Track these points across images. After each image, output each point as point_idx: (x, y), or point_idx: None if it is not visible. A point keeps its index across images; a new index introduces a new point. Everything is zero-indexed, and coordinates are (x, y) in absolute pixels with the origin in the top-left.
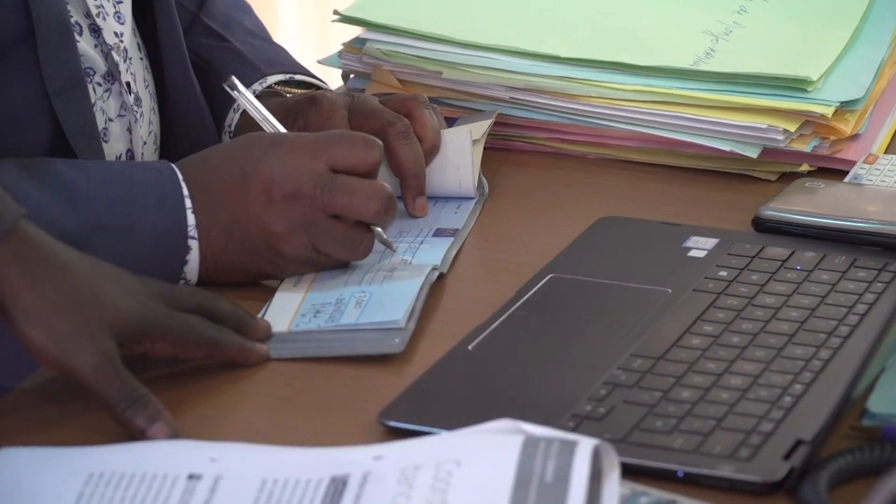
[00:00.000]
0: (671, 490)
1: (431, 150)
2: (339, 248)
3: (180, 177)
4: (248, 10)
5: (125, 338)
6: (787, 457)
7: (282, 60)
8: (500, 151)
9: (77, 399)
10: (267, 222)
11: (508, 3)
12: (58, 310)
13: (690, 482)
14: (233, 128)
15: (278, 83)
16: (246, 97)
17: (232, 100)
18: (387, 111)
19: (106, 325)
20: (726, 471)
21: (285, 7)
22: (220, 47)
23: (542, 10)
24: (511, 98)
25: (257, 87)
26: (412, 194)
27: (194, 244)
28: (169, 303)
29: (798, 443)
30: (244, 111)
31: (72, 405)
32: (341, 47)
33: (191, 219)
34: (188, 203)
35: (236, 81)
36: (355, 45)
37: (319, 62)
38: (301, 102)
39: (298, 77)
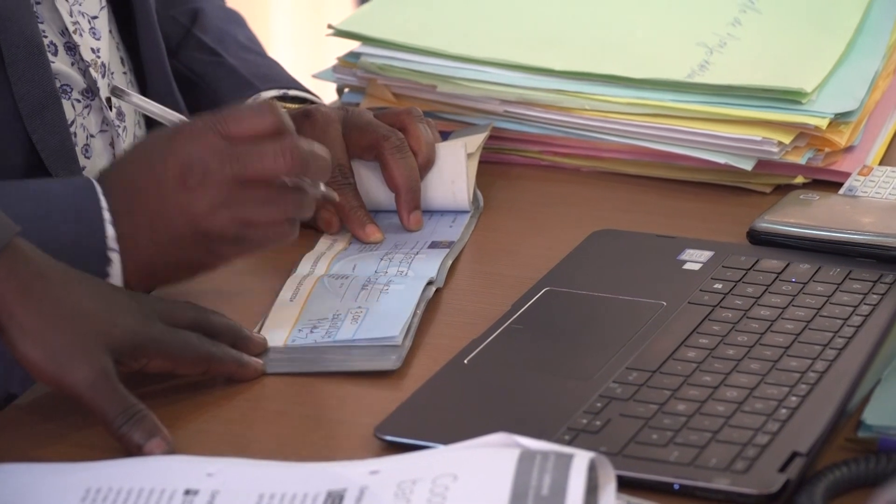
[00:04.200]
0: (667, 503)
1: (426, 164)
2: (265, 210)
3: (98, 190)
4: (242, 23)
5: (121, 354)
6: (782, 469)
7: (275, 76)
8: (494, 165)
9: (74, 415)
10: (186, 205)
11: (502, 17)
12: (53, 326)
13: (686, 495)
14: None
15: (272, 98)
16: (134, 99)
17: None
18: (381, 125)
19: (102, 342)
20: (722, 483)
21: (279, 21)
22: (214, 62)
23: (535, 23)
24: (505, 111)
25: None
26: (407, 208)
27: (115, 256)
28: (165, 319)
29: (794, 455)
30: None
31: (68, 421)
32: (336, 62)
33: (110, 231)
34: (107, 216)
35: (120, 88)
36: (350, 60)
37: (314, 76)
38: (295, 117)
39: (292, 92)
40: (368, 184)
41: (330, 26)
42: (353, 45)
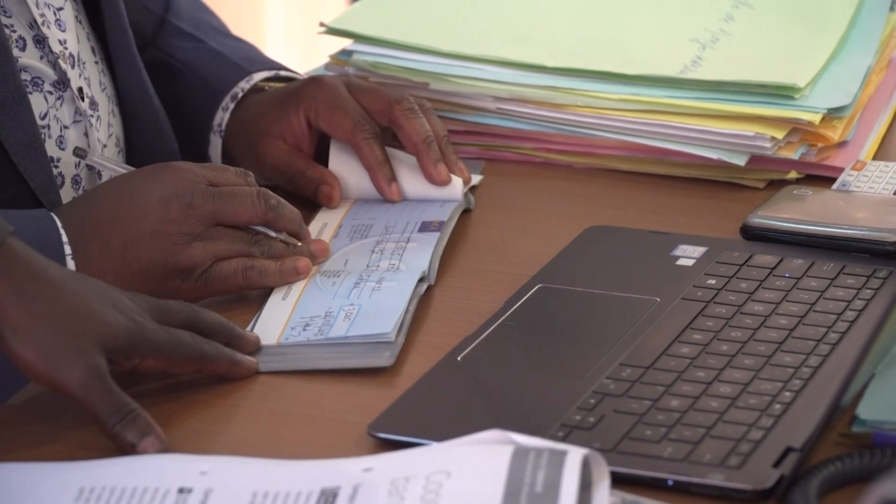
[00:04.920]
0: (661, 499)
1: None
2: (236, 248)
3: (59, 224)
4: (209, 10)
5: (114, 353)
6: (776, 464)
7: (261, 58)
8: (487, 162)
9: (67, 414)
10: (164, 232)
11: (494, 14)
12: (46, 326)
13: (680, 490)
14: (223, 127)
15: (262, 80)
16: (98, 160)
17: (220, 99)
18: (390, 91)
19: (95, 341)
20: (716, 479)
21: (273, 19)
22: (197, 48)
23: (527, 20)
24: (498, 108)
25: (244, 84)
26: (430, 162)
27: None
28: (158, 318)
29: (788, 450)
30: (232, 111)
31: (62, 420)
32: (328, 59)
33: (70, 265)
34: (67, 250)
35: (83, 149)
36: (342, 58)
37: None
38: (302, 87)
39: (283, 73)
40: (351, 174)
41: (322, 24)
42: (346, 43)
